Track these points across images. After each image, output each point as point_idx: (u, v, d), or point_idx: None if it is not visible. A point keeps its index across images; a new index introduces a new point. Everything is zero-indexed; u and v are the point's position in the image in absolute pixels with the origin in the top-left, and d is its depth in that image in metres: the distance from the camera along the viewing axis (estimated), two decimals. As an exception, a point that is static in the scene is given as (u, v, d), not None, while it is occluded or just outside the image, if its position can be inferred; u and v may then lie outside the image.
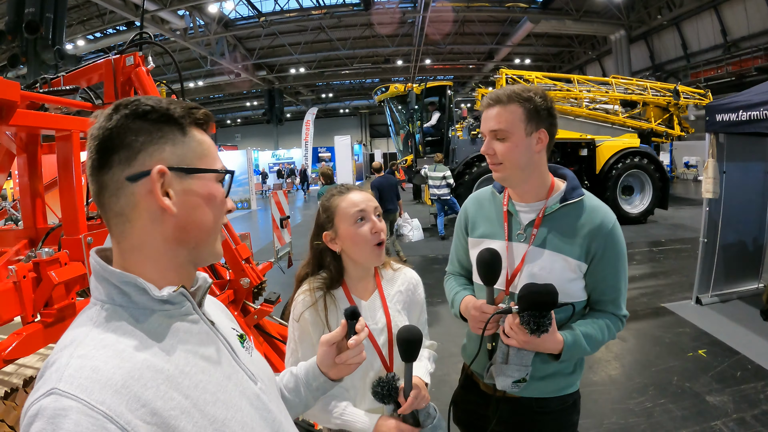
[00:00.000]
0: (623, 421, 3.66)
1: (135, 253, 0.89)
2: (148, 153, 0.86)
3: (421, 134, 13.78)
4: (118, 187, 0.86)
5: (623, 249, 1.71)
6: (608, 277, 1.70)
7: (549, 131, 1.68)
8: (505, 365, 1.66)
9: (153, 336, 0.84)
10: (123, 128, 0.85)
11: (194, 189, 0.91)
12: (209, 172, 0.93)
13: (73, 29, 20.05)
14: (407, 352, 1.45)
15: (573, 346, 1.63)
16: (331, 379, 1.32)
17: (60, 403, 0.68)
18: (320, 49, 28.12)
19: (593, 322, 1.70)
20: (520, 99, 1.64)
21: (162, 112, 0.88)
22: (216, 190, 0.94)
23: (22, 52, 4.61)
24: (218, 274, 2.91)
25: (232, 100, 39.99)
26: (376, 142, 46.83)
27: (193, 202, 0.90)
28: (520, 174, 1.70)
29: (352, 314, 1.30)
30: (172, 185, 0.88)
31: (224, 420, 0.85)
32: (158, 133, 0.88)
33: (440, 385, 3.84)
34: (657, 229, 11.36)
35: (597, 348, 1.71)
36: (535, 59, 30.92)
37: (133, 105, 0.87)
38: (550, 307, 1.52)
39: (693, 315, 5.77)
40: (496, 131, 1.66)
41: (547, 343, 1.59)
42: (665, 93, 14.04)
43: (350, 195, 1.72)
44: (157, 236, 0.88)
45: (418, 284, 1.90)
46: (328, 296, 1.73)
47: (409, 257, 9.95)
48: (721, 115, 5.42)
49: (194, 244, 0.92)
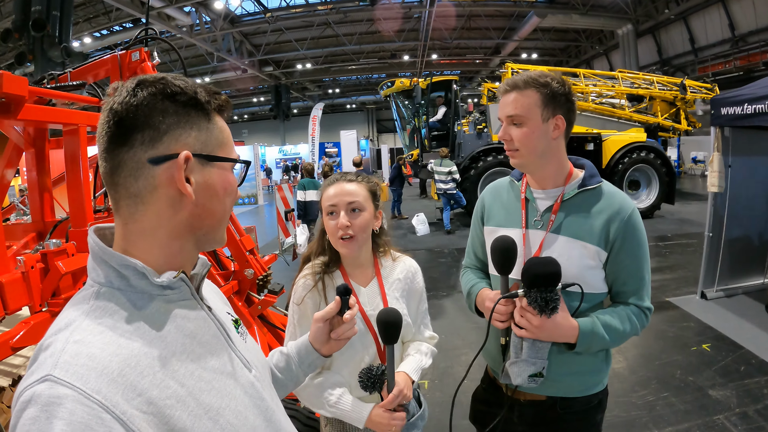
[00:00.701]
0: (625, 414, 3.67)
1: (142, 237, 0.86)
2: (173, 136, 0.84)
3: (426, 129, 13.76)
4: (138, 167, 0.83)
5: (644, 237, 1.68)
6: (629, 266, 1.66)
7: (567, 117, 1.66)
8: (520, 359, 1.64)
9: (150, 322, 0.82)
10: (149, 107, 0.82)
11: (214, 177, 0.89)
12: (230, 161, 0.92)
13: (80, 27, 20.11)
14: (386, 334, 1.51)
15: (590, 333, 1.59)
16: (323, 354, 1.35)
17: (55, 391, 0.67)
18: (326, 45, 28.09)
19: (613, 311, 1.66)
20: (537, 84, 1.62)
21: (190, 95, 0.86)
22: (232, 179, 0.94)
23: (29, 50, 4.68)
24: (223, 265, 2.95)
25: (239, 96, 40.01)
26: (383, 137, 46.79)
27: (212, 190, 0.89)
28: (537, 160, 1.68)
29: (344, 290, 1.35)
30: (193, 171, 0.86)
31: (219, 408, 0.84)
32: (185, 116, 0.85)
33: (443, 377, 3.84)
34: (663, 224, 11.31)
35: (619, 341, 1.66)
36: (542, 54, 30.77)
37: (161, 83, 0.84)
38: (553, 278, 1.50)
39: (698, 309, 5.77)
40: (512, 116, 1.65)
41: (560, 328, 1.57)
42: (672, 87, 13.94)
43: (334, 186, 1.76)
44: (172, 221, 0.86)
45: (417, 272, 1.93)
46: (327, 278, 1.79)
47: (415, 251, 9.97)
48: (727, 109, 5.40)
49: (205, 231, 0.91)
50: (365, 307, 1.76)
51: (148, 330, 0.81)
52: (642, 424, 3.53)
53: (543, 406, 1.74)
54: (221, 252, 3.00)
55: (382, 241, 1.91)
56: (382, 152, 30.48)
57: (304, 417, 2.32)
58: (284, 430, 1.02)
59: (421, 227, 11.83)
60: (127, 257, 0.83)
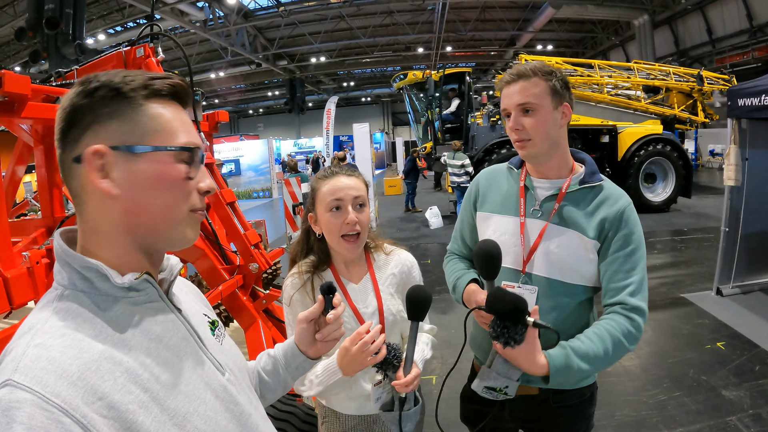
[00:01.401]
0: (636, 414, 3.62)
1: (92, 236, 0.85)
2: (93, 132, 0.81)
3: (440, 121, 13.71)
4: (69, 168, 0.83)
5: (638, 229, 1.63)
6: (618, 258, 1.59)
7: (570, 105, 1.65)
8: (488, 369, 1.56)
9: (114, 325, 0.81)
10: (74, 107, 0.81)
11: (142, 169, 0.83)
12: (157, 150, 0.84)
13: (93, 24, 20.32)
14: (414, 310, 1.49)
15: (563, 369, 1.47)
16: (310, 357, 1.30)
17: (14, 395, 0.66)
18: (340, 38, 28.06)
19: (595, 334, 1.54)
20: (543, 73, 1.61)
21: (111, 86, 0.82)
22: (168, 170, 0.85)
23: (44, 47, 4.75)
24: (228, 260, 2.97)
25: (254, 90, 40.20)
26: (398, 130, 46.70)
27: (142, 183, 0.83)
28: (548, 150, 1.65)
29: (328, 289, 1.28)
30: (116, 166, 0.81)
31: (185, 414, 0.82)
32: (104, 109, 0.81)
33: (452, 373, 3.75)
34: (679, 218, 11.15)
35: (603, 366, 1.55)
36: (557, 45, 30.44)
37: (87, 82, 0.83)
38: (514, 319, 1.41)
39: (713, 306, 5.66)
40: (524, 104, 1.61)
41: (524, 363, 1.47)
42: (689, 78, 13.72)
43: (333, 180, 1.67)
44: (107, 220, 0.84)
45: (413, 266, 1.86)
46: (317, 277, 1.72)
47: (428, 244, 9.98)
48: (744, 100, 5.30)
49: (148, 229, 0.86)
50: (357, 305, 1.70)
51: (112, 333, 0.80)
52: (652, 425, 3.48)
53: (535, 400, 1.73)
54: (227, 246, 3.02)
55: (372, 235, 1.84)
56: (397, 145, 30.39)
57: (303, 414, 2.33)
58: None
59: (435, 220, 11.82)
60: (89, 259, 0.82)
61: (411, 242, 10.21)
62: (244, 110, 46.62)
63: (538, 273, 1.67)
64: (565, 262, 1.63)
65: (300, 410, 2.35)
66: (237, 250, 3.00)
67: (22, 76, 1.78)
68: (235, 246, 3.02)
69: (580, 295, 1.66)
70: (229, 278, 2.85)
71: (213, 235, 2.95)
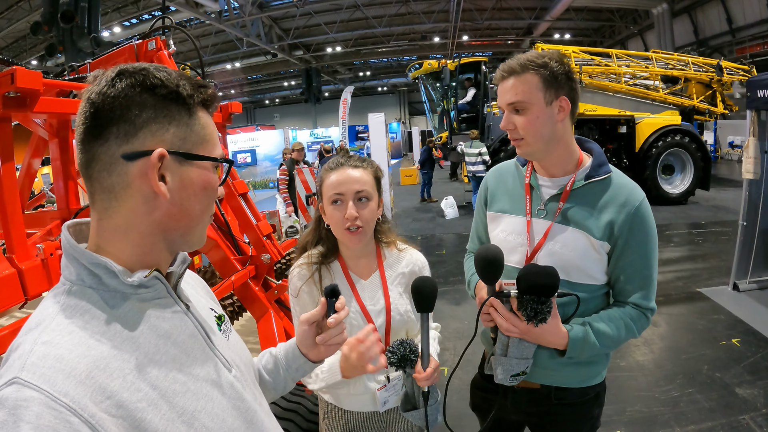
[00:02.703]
0: (647, 410, 3.58)
1: (115, 233, 0.83)
2: (150, 131, 0.80)
3: (456, 111, 13.65)
4: (111, 162, 0.80)
5: (652, 231, 1.59)
6: (635, 262, 1.57)
7: (570, 97, 1.56)
8: (505, 357, 1.58)
9: (123, 322, 0.80)
10: (126, 99, 0.79)
11: (191, 176, 0.85)
12: (209, 161, 0.88)
13: (109, 17, 20.46)
14: (422, 302, 1.48)
15: (581, 341, 1.53)
16: (311, 360, 1.26)
17: (22, 394, 0.65)
18: (356, 28, 27.96)
19: (610, 318, 1.58)
20: (535, 66, 1.52)
21: (171, 88, 0.82)
22: (212, 179, 0.89)
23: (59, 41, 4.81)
24: (240, 250, 3.01)
25: (270, 80, 40.29)
26: (414, 119, 46.54)
27: (189, 190, 0.85)
28: (545, 147, 1.59)
29: (331, 292, 1.24)
30: (169, 169, 0.82)
31: (193, 412, 0.81)
32: (164, 111, 0.82)
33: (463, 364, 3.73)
34: (697, 211, 10.98)
35: (612, 347, 1.62)
36: (575, 34, 29.96)
37: (141, 74, 0.80)
38: (550, 291, 1.44)
39: (729, 301, 5.56)
40: (513, 104, 1.55)
41: (547, 334, 1.52)
42: (708, 69, 13.44)
43: (338, 172, 1.64)
44: (145, 220, 0.83)
45: (424, 268, 1.81)
46: (324, 269, 1.70)
47: (443, 235, 9.98)
48: (763, 91, 5.18)
49: (181, 231, 0.88)
50: (365, 302, 1.68)
51: (120, 330, 0.79)
52: (664, 421, 3.44)
53: (537, 394, 1.72)
54: (239, 237, 3.05)
55: (384, 229, 1.79)
56: (414, 135, 30.29)
57: (311, 404, 2.35)
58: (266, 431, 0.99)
59: (450, 211, 11.78)
60: (98, 255, 0.81)
61: (426, 233, 10.20)
62: (260, 100, 46.79)
63: None
64: (570, 262, 1.60)
65: (308, 400, 2.37)
66: (249, 240, 3.03)
67: (34, 71, 1.81)
68: (247, 237, 3.05)
69: (591, 293, 1.63)
70: (241, 269, 2.88)
71: (226, 226, 2.99)
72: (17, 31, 20.65)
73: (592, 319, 1.58)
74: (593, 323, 1.57)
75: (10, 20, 19.83)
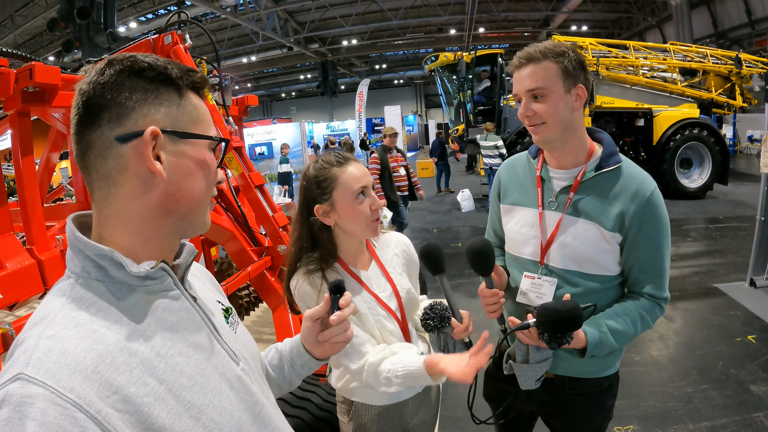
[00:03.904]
0: (660, 405, 3.55)
1: (116, 221, 0.83)
2: (141, 113, 0.81)
3: (472, 103, 13.56)
4: (106, 147, 0.80)
5: (664, 221, 1.59)
6: (647, 252, 1.58)
7: (585, 86, 1.58)
8: (527, 365, 1.58)
9: (129, 314, 0.79)
10: (116, 84, 0.79)
11: (187, 155, 0.85)
12: (204, 139, 0.88)
13: (125, 12, 20.61)
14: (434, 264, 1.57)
15: (598, 344, 1.55)
16: (315, 357, 1.23)
17: (27, 390, 0.64)
18: (372, 20, 27.88)
19: (625, 313, 1.60)
20: (553, 54, 1.53)
21: (159, 70, 0.83)
22: (209, 157, 0.89)
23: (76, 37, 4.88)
24: (257, 241, 3.04)
25: (286, 73, 40.40)
26: (431, 112, 46.38)
27: (185, 168, 0.85)
28: (562, 134, 1.59)
29: (335, 288, 1.19)
30: (164, 149, 0.82)
31: (201, 406, 0.81)
32: (154, 92, 0.82)
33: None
34: (715, 206, 10.79)
35: (628, 342, 1.63)
36: (592, 26, 29.54)
37: (128, 60, 0.82)
38: (573, 329, 1.45)
39: (746, 298, 5.47)
40: (533, 90, 1.55)
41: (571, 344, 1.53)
42: (726, 61, 13.14)
43: (350, 168, 1.61)
44: (144, 203, 0.82)
45: (410, 245, 1.87)
46: (328, 273, 1.61)
47: (459, 227, 9.97)
48: (784, 81, 5.10)
49: (182, 213, 0.87)
50: (375, 291, 1.68)
51: (127, 323, 0.78)
52: (677, 417, 3.41)
53: (551, 384, 1.72)
54: (255, 228, 3.08)
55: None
56: (430, 127, 30.25)
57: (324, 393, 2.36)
58: (274, 425, 0.98)
59: (466, 203, 11.75)
60: (103, 246, 0.79)
61: (442, 225, 10.20)
62: (277, 94, 46.95)
63: (555, 265, 1.66)
64: (582, 253, 1.60)
65: (323, 390, 2.38)
66: (265, 232, 3.06)
67: (52, 66, 1.84)
68: (263, 228, 3.08)
69: (605, 283, 1.64)
70: (257, 260, 2.92)
71: (242, 218, 3.02)
72: (34, 27, 20.93)
73: (606, 318, 1.59)
74: (609, 323, 1.58)
75: (27, 17, 20.11)
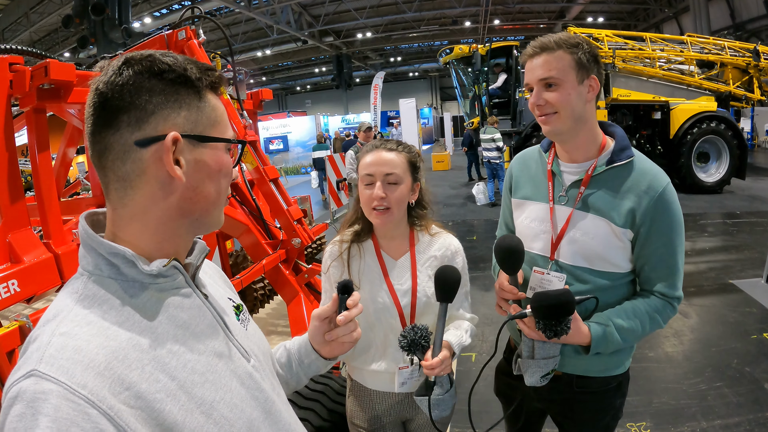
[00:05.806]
0: (674, 402, 3.51)
1: (133, 222, 0.83)
2: (162, 116, 0.80)
3: (487, 96, 13.47)
4: (124, 150, 0.79)
5: (678, 218, 1.55)
6: (659, 249, 1.54)
7: (598, 78, 1.56)
8: (532, 360, 1.58)
9: (141, 312, 0.80)
10: (135, 86, 0.78)
11: (205, 158, 0.85)
12: (222, 142, 0.87)
13: (139, 8, 20.76)
14: (443, 291, 1.50)
15: (602, 340, 1.53)
16: (323, 356, 1.23)
17: (40, 386, 0.65)
18: (386, 13, 27.75)
19: (634, 311, 1.57)
20: (568, 45, 1.51)
21: (179, 72, 0.81)
22: (226, 160, 0.89)
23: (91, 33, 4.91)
24: (272, 234, 3.06)
25: (301, 67, 40.42)
26: (447, 105, 46.20)
27: (204, 171, 0.85)
28: (573, 125, 1.56)
29: (343, 288, 1.19)
30: (183, 153, 0.82)
31: (212, 402, 0.81)
32: (174, 95, 0.81)
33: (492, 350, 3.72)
34: (733, 200, 10.59)
35: (635, 341, 1.62)
36: (608, 18, 29.09)
37: (148, 61, 0.80)
38: (566, 315, 1.44)
39: (762, 294, 5.36)
40: (546, 79, 1.53)
41: (570, 338, 1.52)
42: (745, 53, 12.86)
43: (372, 154, 1.71)
44: (162, 205, 0.83)
45: (458, 253, 1.81)
46: (355, 247, 1.77)
47: (474, 221, 9.95)
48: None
49: (198, 214, 0.87)
50: (393, 281, 1.71)
51: (139, 320, 0.79)
52: (690, 415, 3.36)
53: (559, 381, 1.71)
54: (270, 221, 3.10)
55: (420, 213, 1.81)
56: (445, 120, 30.10)
57: (338, 385, 2.37)
58: (285, 422, 0.99)
59: (481, 197, 11.70)
60: (116, 245, 0.80)
61: (457, 218, 10.17)
62: (292, 87, 47.06)
63: (565, 261, 1.64)
64: (592, 249, 1.58)
65: (336, 382, 2.39)
66: (280, 225, 3.08)
67: (67, 63, 1.86)
68: (278, 221, 3.09)
69: (615, 281, 1.61)
70: (272, 253, 2.93)
71: (257, 211, 3.04)
72: (49, 24, 21.15)
73: (613, 315, 1.57)
74: (615, 320, 1.56)
75: (42, 14, 20.34)
